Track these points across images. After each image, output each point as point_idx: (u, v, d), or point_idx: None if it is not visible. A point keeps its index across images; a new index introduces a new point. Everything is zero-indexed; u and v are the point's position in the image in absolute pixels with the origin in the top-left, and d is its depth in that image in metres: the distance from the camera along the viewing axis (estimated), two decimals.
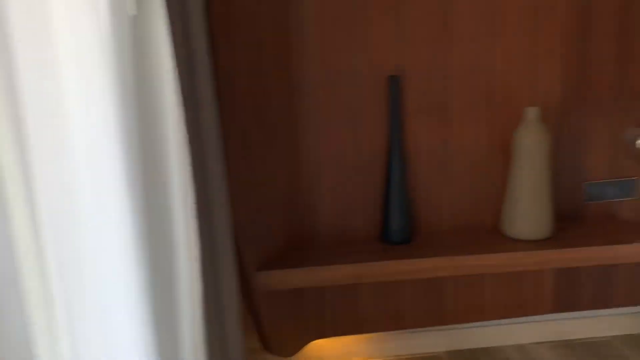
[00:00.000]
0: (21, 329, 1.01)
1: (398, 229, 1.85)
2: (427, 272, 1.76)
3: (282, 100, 1.79)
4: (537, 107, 1.77)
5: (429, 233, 1.94)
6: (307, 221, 1.90)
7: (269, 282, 1.70)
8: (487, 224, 1.95)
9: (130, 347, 1.03)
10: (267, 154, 1.79)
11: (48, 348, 1.02)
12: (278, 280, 1.70)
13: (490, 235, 1.89)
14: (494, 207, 1.94)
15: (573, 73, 1.85)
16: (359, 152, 1.86)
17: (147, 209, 1.04)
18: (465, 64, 1.82)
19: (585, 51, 1.84)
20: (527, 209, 1.78)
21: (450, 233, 1.94)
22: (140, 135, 1.04)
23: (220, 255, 1.38)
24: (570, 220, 1.95)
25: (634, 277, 2.03)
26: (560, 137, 1.90)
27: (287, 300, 1.93)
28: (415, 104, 1.85)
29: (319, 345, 2.01)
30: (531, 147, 1.75)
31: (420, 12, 1.77)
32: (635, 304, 2.06)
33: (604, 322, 2.08)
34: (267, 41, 1.73)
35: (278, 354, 1.90)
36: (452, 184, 1.92)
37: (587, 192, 1.95)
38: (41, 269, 0.99)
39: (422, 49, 1.80)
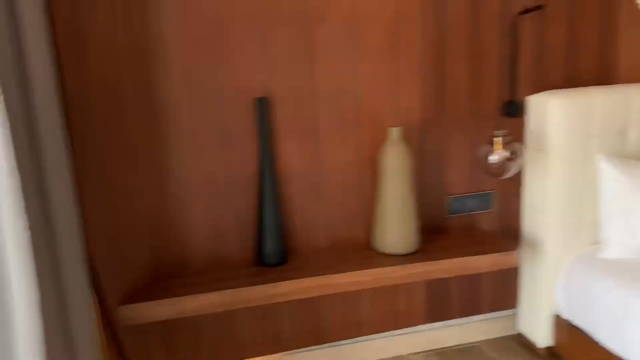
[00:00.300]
0: None
1: (272, 251, 1.83)
2: (301, 293, 1.76)
3: (144, 122, 1.71)
4: (400, 127, 1.84)
5: (305, 253, 1.95)
6: (177, 248, 1.82)
7: (133, 316, 1.60)
8: (360, 240, 2.00)
9: None
10: (128, 180, 1.70)
11: None
12: (143, 314, 1.61)
13: (363, 251, 1.93)
14: (366, 224, 1.99)
15: (432, 95, 1.96)
16: (230, 175, 1.83)
17: None
18: (332, 86, 1.87)
19: (442, 75, 1.95)
20: (395, 225, 1.85)
21: (325, 251, 1.96)
22: None
23: (71, 293, 1.27)
24: (436, 233, 2.05)
25: (496, 284, 2.17)
26: (424, 154, 2.00)
27: (158, 332, 1.83)
28: (286, 126, 1.85)
29: None
30: (395, 165, 1.82)
31: (285, 35, 1.79)
32: (499, 309, 2.20)
33: (473, 328, 2.20)
34: (124, 61, 1.65)
35: None
36: (326, 204, 1.95)
37: (450, 206, 2.06)
38: None
39: (289, 72, 1.82)
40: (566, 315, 1.97)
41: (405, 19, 1.88)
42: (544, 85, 2.03)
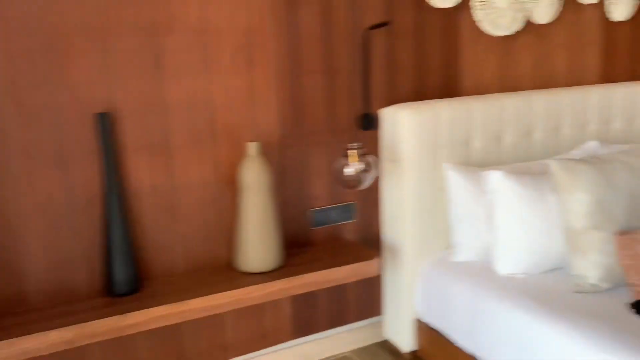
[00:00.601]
0: None
1: (123, 278, 1.69)
2: (156, 322, 1.64)
3: None
4: (258, 142, 1.80)
5: (160, 277, 1.83)
6: (11, 282, 1.62)
7: None
8: (222, 260, 1.92)
9: None
10: None
11: None
12: None
13: (224, 272, 1.86)
14: (227, 243, 1.92)
15: (289, 108, 1.95)
16: (72, 197, 1.67)
17: None
18: (183, 99, 1.78)
19: (298, 88, 1.95)
20: (256, 242, 1.79)
21: (183, 274, 1.86)
22: None
23: None
24: (300, 247, 2.03)
25: (362, 293, 2.20)
26: (284, 169, 1.98)
27: None
28: (134, 142, 1.73)
29: None
30: (254, 181, 1.77)
31: (130, 45, 1.68)
32: (365, 318, 2.24)
33: (341, 339, 2.21)
34: None
35: None
36: (182, 223, 1.85)
37: (313, 218, 2.06)
38: None
39: (135, 84, 1.70)
40: (426, 318, 2.05)
41: (258, 32, 1.85)
42: (396, 98, 2.11)
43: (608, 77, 2.54)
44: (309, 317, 2.12)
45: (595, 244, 1.70)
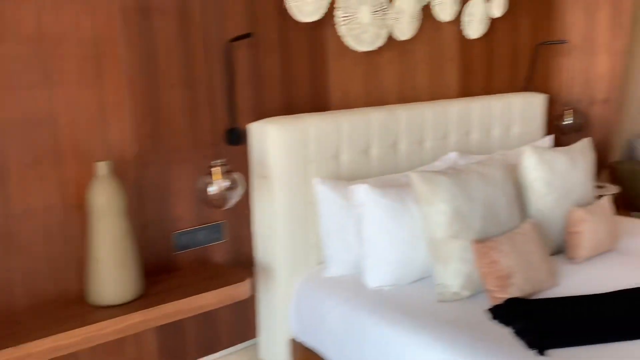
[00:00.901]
0: None
1: None
2: None
3: None
4: (109, 161, 1.64)
5: None
6: None
7: None
8: (72, 294, 1.72)
9: None
10: None
11: None
12: None
13: (75, 307, 1.66)
14: (79, 274, 1.72)
15: (146, 124, 1.81)
16: None
17: None
18: (20, 115, 1.58)
19: (156, 103, 1.82)
20: (110, 272, 1.63)
21: (26, 313, 1.63)
22: None
23: None
24: (163, 273, 1.89)
25: (235, 316, 2.10)
26: (142, 189, 1.83)
27: None
28: None
29: None
30: (105, 204, 1.61)
31: None
32: (240, 342, 2.13)
33: None
34: None
35: None
36: (22, 255, 1.63)
37: (177, 242, 1.93)
38: None
39: None
40: (301, 337, 1.99)
41: (107, 41, 1.70)
42: (264, 112, 2.05)
43: (465, 91, 2.69)
44: (177, 347, 1.98)
45: (455, 252, 1.75)
